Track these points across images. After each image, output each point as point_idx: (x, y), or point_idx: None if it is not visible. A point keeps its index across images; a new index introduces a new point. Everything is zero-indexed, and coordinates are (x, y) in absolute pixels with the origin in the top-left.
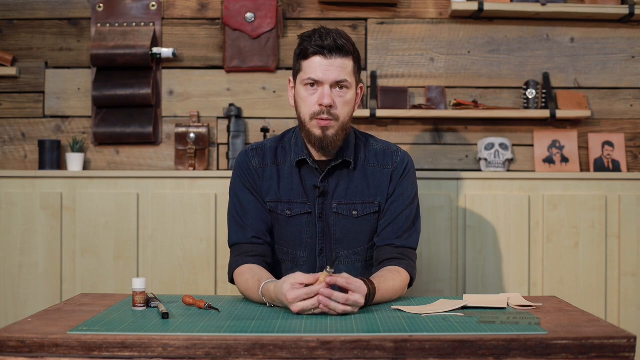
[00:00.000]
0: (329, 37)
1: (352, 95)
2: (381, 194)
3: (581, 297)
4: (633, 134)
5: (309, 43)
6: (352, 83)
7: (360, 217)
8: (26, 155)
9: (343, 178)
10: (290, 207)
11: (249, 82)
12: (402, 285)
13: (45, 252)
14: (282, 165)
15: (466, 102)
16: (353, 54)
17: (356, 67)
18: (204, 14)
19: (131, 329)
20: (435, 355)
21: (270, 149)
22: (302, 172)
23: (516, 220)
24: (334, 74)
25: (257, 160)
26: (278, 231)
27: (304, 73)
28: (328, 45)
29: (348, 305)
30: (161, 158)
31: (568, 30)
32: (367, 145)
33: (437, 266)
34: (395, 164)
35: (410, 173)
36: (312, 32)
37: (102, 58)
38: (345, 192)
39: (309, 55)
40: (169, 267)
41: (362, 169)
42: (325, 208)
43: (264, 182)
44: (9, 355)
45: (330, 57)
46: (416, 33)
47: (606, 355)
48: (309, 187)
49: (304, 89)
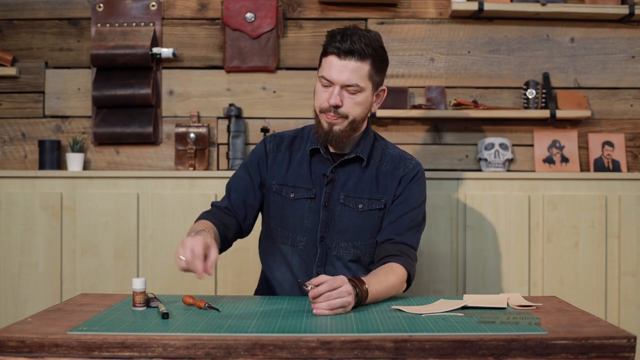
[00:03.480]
0: (349, 39)
1: (365, 97)
2: (388, 193)
3: (581, 297)
4: (633, 134)
5: (329, 41)
6: (364, 87)
7: (365, 211)
8: (26, 155)
9: (354, 172)
10: (295, 191)
11: (249, 82)
12: (397, 282)
13: (45, 252)
14: (296, 152)
15: (466, 102)
16: (372, 57)
17: (374, 70)
18: (204, 14)
19: (131, 329)
20: (435, 355)
21: (288, 137)
22: (313, 161)
23: (516, 220)
24: (345, 77)
25: (272, 144)
26: (281, 214)
27: (321, 69)
28: (344, 47)
29: (333, 309)
30: (161, 158)
31: (568, 30)
32: (385, 149)
33: (437, 266)
34: (407, 169)
35: (419, 180)
36: (337, 31)
37: (102, 58)
38: (355, 186)
39: (327, 53)
40: (169, 267)
41: (375, 168)
42: (332, 198)
43: (273, 165)
44: (9, 355)
45: (344, 59)
46: (416, 33)
47: (606, 355)
48: (317, 175)
49: (319, 84)
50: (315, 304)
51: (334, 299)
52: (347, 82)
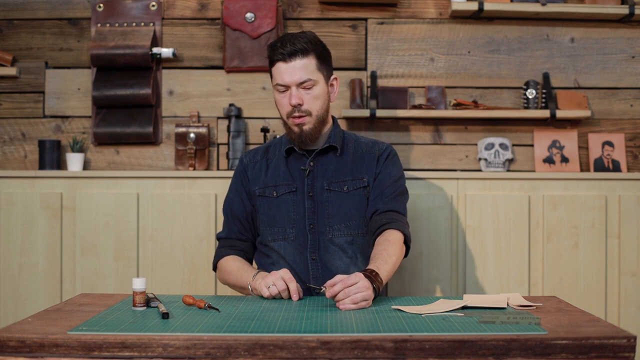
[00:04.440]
0: (288, 43)
1: (321, 89)
2: (369, 173)
3: (581, 297)
4: (633, 134)
5: (272, 52)
6: (317, 79)
7: (351, 191)
8: (26, 155)
9: (332, 161)
10: (276, 189)
11: (249, 82)
12: (398, 251)
13: (45, 252)
14: (272, 158)
15: (466, 102)
16: (314, 51)
17: (320, 62)
18: (204, 14)
19: (131, 329)
20: (435, 355)
21: (262, 149)
22: (289, 159)
23: (516, 220)
24: (297, 76)
25: (248, 158)
26: (268, 213)
27: (274, 79)
28: (287, 51)
29: (356, 303)
30: (161, 158)
31: (568, 30)
32: (356, 140)
33: (437, 266)
34: (381, 150)
35: (394, 158)
36: (276, 40)
37: (102, 58)
38: (336, 173)
39: (274, 62)
40: (169, 267)
41: (352, 155)
42: (315, 187)
43: (253, 175)
44: (9, 355)
45: (290, 61)
46: (416, 33)
47: (606, 355)
48: (295, 171)
49: (277, 93)
50: (339, 302)
51: (354, 294)
52: (300, 80)
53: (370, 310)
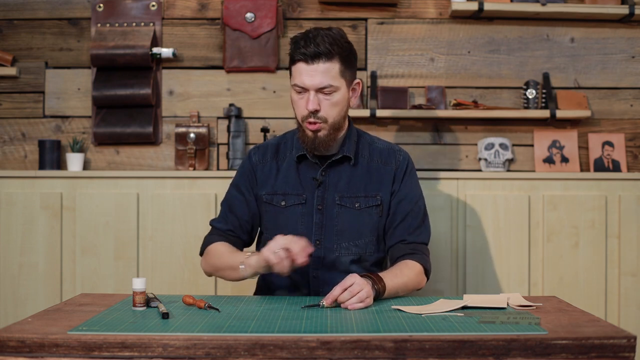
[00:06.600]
0: (312, 43)
1: (341, 95)
2: (384, 189)
3: (581, 297)
4: (633, 134)
5: (294, 49)
6: (338, 85)
7: (363, 209)
8: (26, 155)
9: (345, 172)
10: (285, 199)
11: (249, 82)
12: (413, 275)
13: (45, 252)
14: (282, 161)
15: (466, 102)
16: (339, 55)
17: (344, 66)
18: (204, 14)
19: (131, 329)
20: (435, 355)
21: (272, 146)
22: (301, 167)
23: (516, 220)
24: (317, 80)
25: (257, 156)
26: (274, 223)
27: (293, 78)
28: (310, 52)
29: (359, 302)
30: (161, 158)
31: (568, 30)
32: (371, 144)
33: (437, 266)
34: (398, 162)
35: (412, 172)
36: (299, 37)
37: (102, 58)
38: (348, 186)
39: (295, 61)
40: (169, 267)
41: (366, 165)
42: (325, 200)
43: (262, 177)
44: (9, 355)
45: (312, 63)
46: (416, 33)
47: (606, 355)
48: (306, 180)
49: (294, 93)
50: (344, 302)
51: (358, 292)
52: (320, 85)
53: (370, 310)
